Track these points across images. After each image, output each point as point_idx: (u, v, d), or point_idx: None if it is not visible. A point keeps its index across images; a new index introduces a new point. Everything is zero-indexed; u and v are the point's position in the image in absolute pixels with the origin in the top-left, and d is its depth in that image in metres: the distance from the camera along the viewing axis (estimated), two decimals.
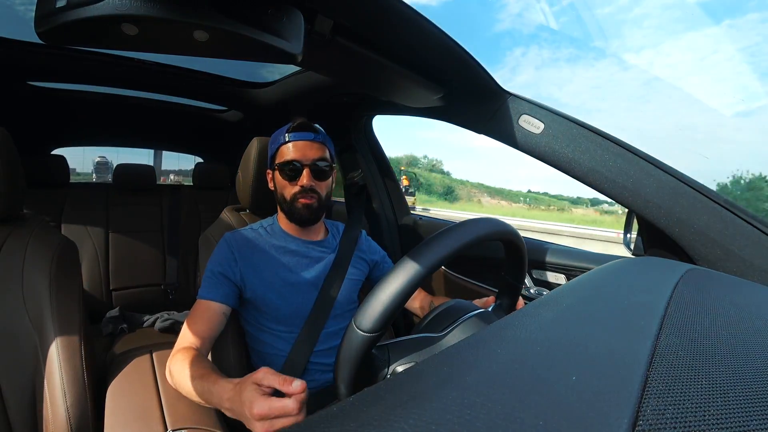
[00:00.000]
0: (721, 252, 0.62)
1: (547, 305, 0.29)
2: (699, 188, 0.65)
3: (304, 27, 0.45)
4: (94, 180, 8.18)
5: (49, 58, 1.14)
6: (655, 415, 0.16)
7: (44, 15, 0.36)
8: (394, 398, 0.18)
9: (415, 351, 0.49)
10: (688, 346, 0.22)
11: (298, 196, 0.84)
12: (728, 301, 0.30)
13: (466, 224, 0.49)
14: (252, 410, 0.51)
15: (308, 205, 0.84)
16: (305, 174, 0.83)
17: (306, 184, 0.83)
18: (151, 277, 1.63)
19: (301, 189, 0.83)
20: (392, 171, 1.52)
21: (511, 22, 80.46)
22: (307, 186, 0.83)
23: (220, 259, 0.81)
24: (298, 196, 0.84)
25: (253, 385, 0.53)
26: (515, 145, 0.79)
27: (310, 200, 0.84)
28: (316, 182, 0.84)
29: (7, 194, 0.72)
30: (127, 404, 0.68)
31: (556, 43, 73.20)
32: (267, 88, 1.46)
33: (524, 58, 72.43)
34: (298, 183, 0.83)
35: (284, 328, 0.82)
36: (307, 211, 0.84)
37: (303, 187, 0.83)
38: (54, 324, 0.69)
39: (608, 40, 59.16)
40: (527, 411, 0.16)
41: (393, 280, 0.42)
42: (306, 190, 0.83)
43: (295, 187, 0.84)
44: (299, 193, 0.83)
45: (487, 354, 0.22)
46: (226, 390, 0.58)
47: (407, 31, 0.62)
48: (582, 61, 64.73)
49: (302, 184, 0.83)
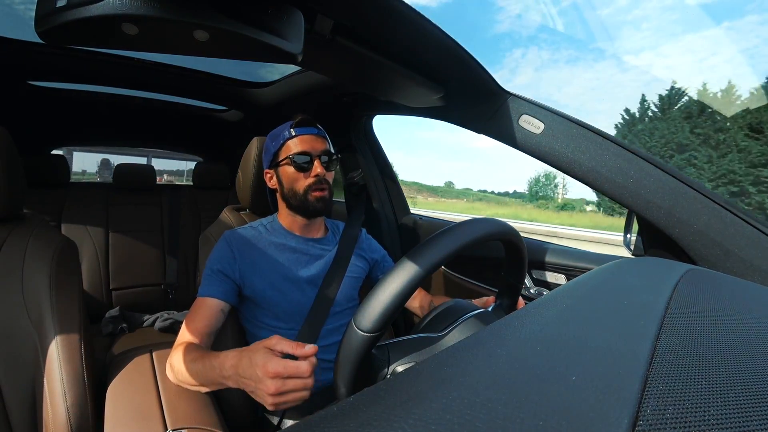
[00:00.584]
0: (721, 252, 0.62)
1: (546, 305, 0.29)
2: (699, 188, 0.65)
3: (304, 27, 0.45)
4: (98, 179, 8.23)
5: (49, 57, 1.14)
6: (655, 415, 0.16)
7: (44, 14, 0.36)
8: (394, 398, 0.18)
9: (415, 351, 0.49)
10: (688, 346, 0.22)
11: (313, 187, 0.84)
12: (728, 302, 0.30)
13: (466, 224, 0.49)
14: (267, 368, 0.53)
15: (322, 198, 0.85)
16: (317, 164, 0.84)
17: (321, 173, 0.84)
18: (151, 277, 1.63)
19: (315, 179, 0.84)
20: (392, 171, 1.52)
21: (510, 23, 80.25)
22: (321, 175, 0.84)
23: (219, 257, 0.81)
24: (313, 187, 0.84)
25: (265, 349, 0.56)
26: (515, 145, 0.79)
27: (323, 192, 0.85)
28: (326, 172, 0.85)
29: (7, 194, 0.72)
30: (127, 404, 0.68)
31: (556, 45, 73.16)
32: (267, 88, 1.46)
33: (524, 59, 72.33)
34: (311, 173, 0.84)
35: (284, 325, 0.82)
36: (322, 204, 0.85)
37: (318, 176, 0.84)
38: (54, 323, 0.69)
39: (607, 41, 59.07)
40: (527, 411, 0.16)
41: (393, 280, 0.42)
42: (320, 180, 0.84)
43: (309, 178, 0.85)
44: (313, 185, 0.84)
45: (486, 354, 0.22)
46: (230, 357, 0.60)
47: (407, 31, 0.62)
48: (581, 63, 64.59)
49: (317, 174, 0.84)
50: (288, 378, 0.53)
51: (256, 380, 0.54)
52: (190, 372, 0.66)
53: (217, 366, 0.61)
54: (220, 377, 0.61)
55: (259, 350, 0.56)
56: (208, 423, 0.66)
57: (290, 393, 0.53)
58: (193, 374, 0.66)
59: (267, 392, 0.53)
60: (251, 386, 0.56)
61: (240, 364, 0.57)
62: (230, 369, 0.59)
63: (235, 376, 0.58)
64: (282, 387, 0.53)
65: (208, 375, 0.63)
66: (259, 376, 0.54)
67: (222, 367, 0.60)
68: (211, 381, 0.64)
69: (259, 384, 0.54)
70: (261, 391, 0.54)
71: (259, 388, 0.54)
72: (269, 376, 0.53)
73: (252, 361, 0.55)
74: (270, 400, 0.53)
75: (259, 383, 0.54)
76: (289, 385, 0.53)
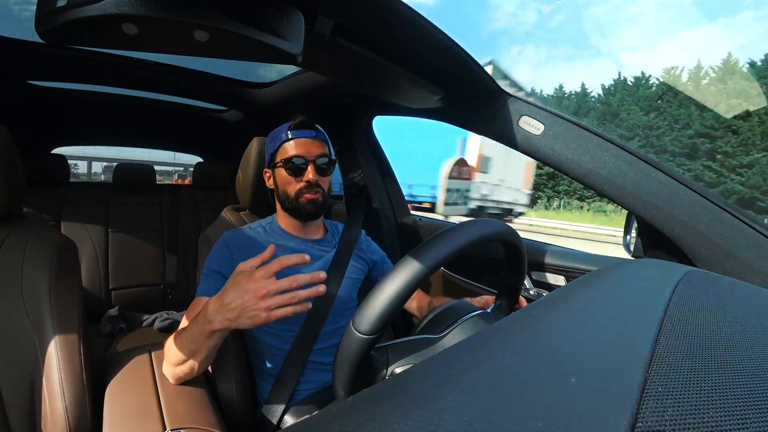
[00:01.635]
0: (721, 254, 0.62)
1: (546, 306, 0.29)
2: (699, 190, 0.65)
3: (304, 27, 0.45)
4: (103, 179, 8.28)
5: (49, 57, 1.14)
6: (654, 416, 0.16)
7: (45, 14, 0.36)
8: (393, 398, 0.18)
9: (414, 352, 0.49)
10: (688, 347, 0.22)
11: (304, 191, 0.84)
12: (728, 303, 0.30)
13: (466, 225, 0.49)
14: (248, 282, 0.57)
15: (313, 200, 0.85)
16: (310, 169, 0.84)
17: (312, 179, 0.83)
18: (151, 277, 1.63)
19: (306, 184, 0.84)
20: (392, 171, 1.52)
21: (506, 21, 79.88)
22: (313, 181, 0.84)
23: (217, 258, 0.81)
24: (304, 191, 0.84)
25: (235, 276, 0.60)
26: (515, 146, 0.80)
27: (315, 195, 0.85)
28: (319, 178, 0.85)
29: (7, 193, 0.72)
30: (125, 404, 0.68)
31: (553, 42, 72.67)
32: (267, 88, 1.46)
33: (521, 57, 72.10)
34: (303, 178, 0.84)
35: (283, 327, 0.82)
36: (313, 206, 0.85)
37: (309, 182, 0.84)
38: (53, 323, 0.69)
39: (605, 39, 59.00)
40: (526, 412, 0.16)
41: (391, 281, 0.42)
42: (312, 185, 0.84)
43: (300, 182, 0.84)
44: (305, 189, 0.84)
45: (486, 355, 0.22)
46: (211, 302, 0.62)
47: (408, 32, 0.62)
48: (579, 60, 64.29)
49: (308, 179, 0.83)
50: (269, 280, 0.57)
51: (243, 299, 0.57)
52: (179, 345, 0.67)
53: (201, 316, 0.63)
54: (206, 323, 0.62)
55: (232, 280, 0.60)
56: (207, 423, 0.66)
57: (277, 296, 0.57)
58: (183, 344, 0.66)
59: (257, 297, 0.56)
60: (239, 311, 0.58)
61: (222, 297, 0.60)
62: (213, 309, 0.61)
63: (221, 312, 0.60)
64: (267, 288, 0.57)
65: (194, 332, 0.64)
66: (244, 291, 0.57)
67: (205, 312, 0.62)
68: (199, 336, 0.64)
69: (248, 302, 0.57)
70: (251, 310, 0.57)
71: (249, 307, 0.57)
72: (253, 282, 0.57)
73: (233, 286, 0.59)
74: (264, 312, 0.56)
75: (247, 302, 0.57)
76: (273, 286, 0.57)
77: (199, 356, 0.67)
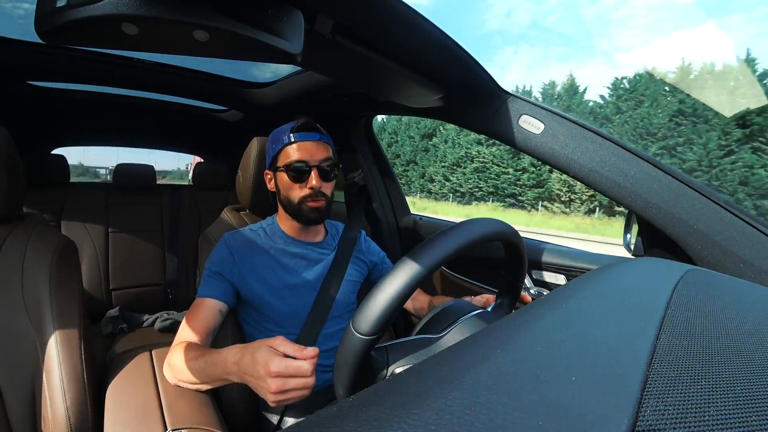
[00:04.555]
0: (721, 253, 0.62)
1: (546, 305, 0.29)
2: (699, 189, 0.65)
3: (304, 27, 0.45)
4: (109, 179, 8.33)
5: (49, 57, 1.14)
6: (654, 416, 0.16)
7: (44, 15, 0.36)
8: (393, 398, 0.18)
9: (414, 352, 0.49)
10: (688, 346, 0.22)
11: (307, 199, 0.82)
12: (728, 302, 0.30)
13: (466, 225, 0.49)
14: (269, 367, 0.54)
15: (317, 208, 0.83)
16: (314, 175, 0.81)
17: (316, 186, 0.81)
18: (151, 277, 1.63)
19: (310, 192, 0.81)
20: (392, 171, 1.52)
21: (500, 21, 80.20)
22: (317, 188, 0.81)
23: (217, 260, 0.81)
24: (307, 199, 0.82)
25: (267, 347, 0.56)
26: (515, 146, 0.79)
27: (318, 203, 0.83)
28: (323, 183, 0.83)
29: (7, 193, 0.72)
30: (126, 404, 0.68)
31: (547, 42, 72.85)
32: (267, 88, 1.46)
33: (515, 57, 72.17)
34: (306, 185, 0.81)
35: (283, 329, 0.82)
36: (316, 214, 0.83)
37: (313, 189, 0.81)
38: (54, 323, 0.69)
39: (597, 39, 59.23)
40: (526, 411, 0.16)
41: (391, 282, 0.42)
42: (315, 193, 0.82)
43: (304, 189, 0.82)
44: (308, 197, 0.82)
45: (486, 354, 0.21)
46: (232, 353, 0.61)
47: (407, 32, 0.62)
48: (573, 60, 64.35)
49: (312, 186, 0.81)
50: (289, 377, 0.54)
51: (258, 377, 0.55)
52: (191, 370, 0.66)
53: (220, 362, 0.62)
54: (224, 373, 0.62)
55: (262, 348, 0.57)
56: (208, 423, 0.66)
57: (291, 391, 0.54)
58: (195, 372, 0.66)
59: (269, 390, 0.54)
60: (253, 383, 0.57)
61: (242, 360, 0.58)
62: (233, 365, 0.60)
63: (239, 372, 0.59)
64: (283, 386, 0.54)
65: (210, 371, 0.64)
66: (261, 374, 0.55)
67: (225, 363, 0.61)
68: (213, 377, 0.65)
69: (261, 381, 0.55)
70: (263, 388, 0.55)
71: (261, 385, 0.55)
72: (271, 375, 0.54)
73: (254, 358, 0.56)
74: (272, 397, 0.54)
75: (260, 381, 0.55)
76: (291, 384, 0.54)
77: (210, 386, 0.69)
